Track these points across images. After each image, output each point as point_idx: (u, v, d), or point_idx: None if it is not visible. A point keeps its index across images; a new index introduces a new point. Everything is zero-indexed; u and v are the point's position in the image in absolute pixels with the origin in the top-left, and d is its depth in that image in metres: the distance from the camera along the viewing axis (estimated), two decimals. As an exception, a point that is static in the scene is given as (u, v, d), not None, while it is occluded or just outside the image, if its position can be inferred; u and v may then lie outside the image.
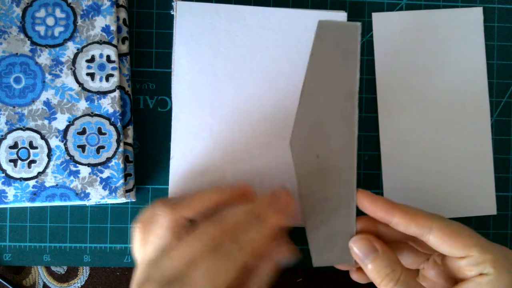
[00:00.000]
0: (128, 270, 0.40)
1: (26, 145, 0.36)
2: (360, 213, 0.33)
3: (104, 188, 0.36)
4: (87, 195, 0.36)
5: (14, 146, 0.36)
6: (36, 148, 0.36)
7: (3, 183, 0.35)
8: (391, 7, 0.40)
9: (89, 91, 0.36)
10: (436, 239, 0.30)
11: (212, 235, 0.30)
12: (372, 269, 0.31)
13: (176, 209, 0.32)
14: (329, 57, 0.33)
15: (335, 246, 0.33)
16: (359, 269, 0.34)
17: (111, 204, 0.39)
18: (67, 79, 0.36)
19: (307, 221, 0.33)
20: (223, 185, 0.35)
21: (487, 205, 0.40)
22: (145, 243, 0.32)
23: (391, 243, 0.34)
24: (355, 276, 0.35)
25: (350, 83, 0.33)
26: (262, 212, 0.32)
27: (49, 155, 0.36)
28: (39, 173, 0.36)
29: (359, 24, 0.32)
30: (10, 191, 0.35)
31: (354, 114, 0.33)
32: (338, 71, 0.33)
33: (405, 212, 0.31)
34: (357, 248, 0.32)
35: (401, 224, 0.31)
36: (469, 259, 0.30)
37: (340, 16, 0.38)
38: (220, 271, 0.29)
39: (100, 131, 0.36)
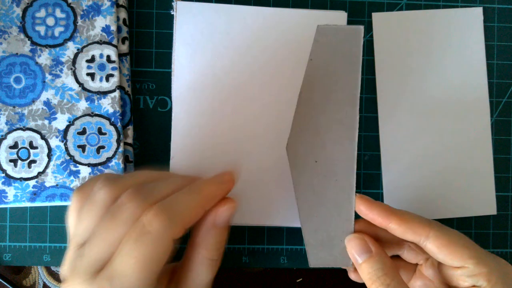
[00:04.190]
0: (128, 270, 0.40)
1: (26, 145, 0.36)
2: (359, 216, 0.33)
3: (104, 188, 0.36)
4: (87, 195, 0.36)
5: (14, 146, 0.36)
6: (36, 148, 0.36)
7: (3, 183, 0.35)
8: (391, 7, 0.40)
9: (89, 91, 0.36)
10: (433, 248, 0.30)
11: (133, 212, 0.26)
12: (365, 270, 0.31)
13: (117, 187, 0.28)
14: (329, 62, 0.32)
15: (332, 248, 0.33)
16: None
17: (111, 204, 0.39)
18: (67, 79, 0.36)
19: (304, 223, 0.33)
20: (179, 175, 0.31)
21: (487, 205, 0.40)
22: (79, 219, 0.28)
23: (391, 242, 0.34)
24: (353, 276, 0.35)
25: (352, 88, 0.32)
26: (196, 182, 0.29)
27: (49, 155, 0.36)
28: (39, 173, 0.36)
29: (362, 27, 0.32)
30: (10, 191, 0.35)
31: (355, 119, 0.33)
32: (339, 76, 0.33)
33: (402, 219, 0.31)
34: (351, 246, 0.32)
35: (398, 230, 0.31)
36: (464, 270, 0.30)
37: (340, 16, 0.38)
38: (148, 253, 0.25)
39: (100, 131, 0.36)
